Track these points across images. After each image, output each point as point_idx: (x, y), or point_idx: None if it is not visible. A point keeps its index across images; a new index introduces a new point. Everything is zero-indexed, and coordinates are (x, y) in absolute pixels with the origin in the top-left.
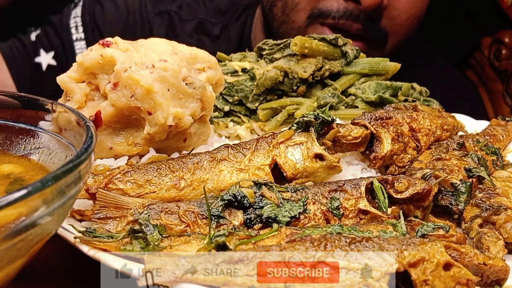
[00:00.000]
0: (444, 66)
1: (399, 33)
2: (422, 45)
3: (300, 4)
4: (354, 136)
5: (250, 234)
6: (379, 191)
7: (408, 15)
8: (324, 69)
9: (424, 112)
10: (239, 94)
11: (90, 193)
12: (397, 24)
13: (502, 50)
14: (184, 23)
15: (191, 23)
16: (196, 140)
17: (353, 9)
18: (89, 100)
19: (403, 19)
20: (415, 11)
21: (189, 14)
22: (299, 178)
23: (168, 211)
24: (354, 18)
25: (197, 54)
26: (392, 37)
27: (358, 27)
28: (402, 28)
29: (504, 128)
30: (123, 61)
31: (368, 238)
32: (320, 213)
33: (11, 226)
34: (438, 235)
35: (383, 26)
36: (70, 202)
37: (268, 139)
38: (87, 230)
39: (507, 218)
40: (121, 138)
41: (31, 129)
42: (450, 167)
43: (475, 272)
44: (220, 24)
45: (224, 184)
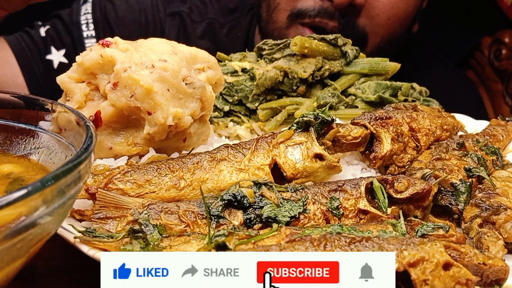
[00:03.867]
0: (448, 67)
1: (379, 34)
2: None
3: (280, 4)
4: (354, 136)
5: (250, 234)
6: (379, 191)
7: (388, 15)
8: (324, 69)
9: (424, 112)
10: (239, 94)
11: (90, 193)
12: (377, 24)
13: (502, 50)
14: (196, 25)
15: (202, 24)
16: (196, 140)
17: (327, 7)
18: (89, 100)
19: (382, 19)
20: (396, 12)
21: (198, 15)
22: (299, 178)
23: (168, 211)
24: (330, 15)
25: (197, 54)
26: (372, 37)
27: (334, 25)
28: (382, 29)
29: (504, 128)
30: (123, 61)
31: (368, 238)
32: (320, 213)
33: (11, 226)
34: (438, 235)
35: (361, 25)
36: (70, 202)
37: (268, 139)
38: (87, 230)
39: (507, 218)
40: (121, 138)
41: (31, 129)
42: (450, 167)
43: (474, 272)
44: (228, 24)
45: (224, 184)
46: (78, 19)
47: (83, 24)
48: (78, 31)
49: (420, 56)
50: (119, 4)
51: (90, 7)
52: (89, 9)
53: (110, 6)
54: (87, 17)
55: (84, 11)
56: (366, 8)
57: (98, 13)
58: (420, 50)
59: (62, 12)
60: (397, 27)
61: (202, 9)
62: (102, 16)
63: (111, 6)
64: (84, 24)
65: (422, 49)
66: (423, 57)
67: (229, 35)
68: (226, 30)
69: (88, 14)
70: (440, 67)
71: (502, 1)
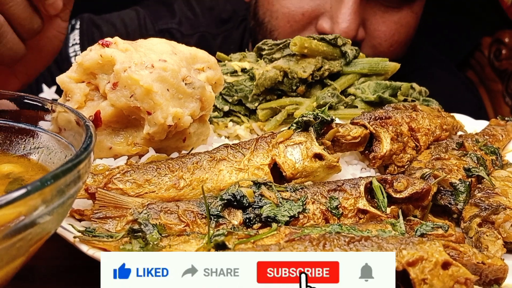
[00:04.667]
0: (447, 68)
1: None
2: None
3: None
4: (354, 136)
5: (249, 233)
6: (378, 191)
7: (390, 43)
8: (323, 69)
9: (423, 112)
10: (239, 94)
11: (89, 192)
12: (380, 52)
13: (502, 50)
14: (187, 39)
15: (193, 37)
16: (195, 140)
17: None
18: (88, 100)
19: (385, 47)
20: (398, 38)
21: (190, 28)
22: (299, 177)
23: (167, 211)
24: None
25: (197, 54)
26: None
27: None
28: (385, 55)
29: (503, 128)
30: (122, 61)
31: (367, 237)
32: (319, 212)
33: (10, 225)
34: (437, 234)
35: (365, 54)
36: (69, 201)
37: (268, 138)
38: (87, 229)
39: (506, 218)
40: (120, 138)
41: (31, 129)
42: (449, 166)
43: (473, 271)
44: (221, 35)
45: (223, 183)
46: (66, 52)
47: (72, 57)
48: (68, 65)
49: (419, 56)
50: (106, 30)
51: (78, 36)
52: (77, 39)
53: (97, 33)
54: (75, 49)
55: (72, 42)
56: (367, 39)
57: (86, 43)
58: (419, 51)
59: None
60: (399, 50)
61: (193, 21)
62: (90, 45)
63: (99, 33)
64: (73, 56)
65: (421, 50)
66: (422, 58)
67: (222, 47)
68: (219, 41)
69: (76, 45)
70: (440, 67)
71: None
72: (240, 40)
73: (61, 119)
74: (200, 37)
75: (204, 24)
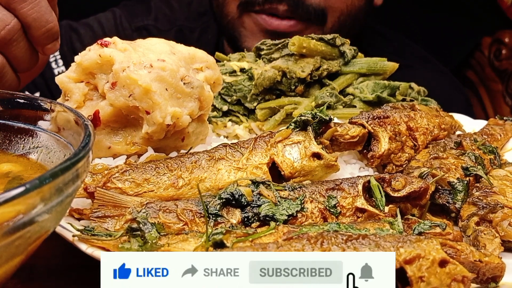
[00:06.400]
0: (435, 68)
1: (337, 8)
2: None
3: None
4: (352, 135)
5: (247, 232)
6: (376, 190)
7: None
8: (322, 68)
9: (421, 111)
10: (238, 93)
11: (88, 192)
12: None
13: (502, 50)
14: (164, 34)
15: (171, 32)
16: (194, 139)
17: None
18: (87, 99)
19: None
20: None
21: (167, 24)
22: (297, 176)
23: (166, 210)
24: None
25: (195, 54)
26: (331, 12)
27: (284, 8)
28: (340, 3)
29: (502, 128)
30: (121, 60)
31: (365, 236)
32: (318, 211)
33: (9, 223)
34: (435, 233)
35: (315, 2)
36: (68, 200)
37: (266, 138)
38: (86, 228)
39: (504, 216)
40: (119, 137)
41: (30, 128)
42: (447, 165)
43: (471, 269)
44: (199, 28)
45: (222, 182)
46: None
47: (52, 62)
48: (49, 70)
49: (405, 55)
50: (83, 32)
51: None
52: None
53: (75, 37)
54: (54, 54)
55: None
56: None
57: (64, 46)
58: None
59: None
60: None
61: (169, 17)
62: (69, 50)
63: (76, 36)
64: (53, 62)
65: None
66: (408, 56)
67: (200, 39)
68: (197, 34)
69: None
70: (425, 66)
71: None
72: (217, 32)
73: (60, 118)
74: (177, 31)
75: (182, 18)
